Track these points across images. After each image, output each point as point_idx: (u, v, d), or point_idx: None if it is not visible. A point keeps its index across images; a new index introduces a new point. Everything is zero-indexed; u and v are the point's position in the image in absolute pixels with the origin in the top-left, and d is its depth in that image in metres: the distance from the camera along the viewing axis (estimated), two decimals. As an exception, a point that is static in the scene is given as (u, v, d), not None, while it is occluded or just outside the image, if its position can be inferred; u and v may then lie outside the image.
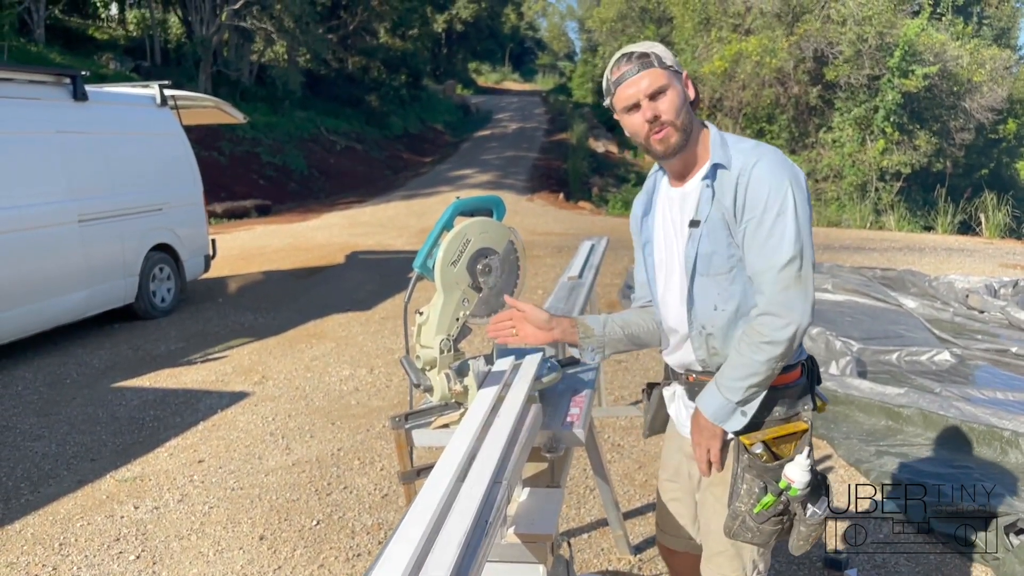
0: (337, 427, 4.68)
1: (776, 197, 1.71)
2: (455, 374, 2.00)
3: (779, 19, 20.66)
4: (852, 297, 7.25)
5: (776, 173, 1.73)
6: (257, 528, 3.49)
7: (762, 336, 1.72)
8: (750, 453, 1.82)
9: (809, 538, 1.85)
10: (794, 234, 1.71)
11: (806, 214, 1.74)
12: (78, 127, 6.74)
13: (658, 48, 1.83)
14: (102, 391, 5.44)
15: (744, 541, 1.86)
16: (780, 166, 1.75)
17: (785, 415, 1.85)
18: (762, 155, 1.76)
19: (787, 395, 1.85)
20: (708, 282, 1.84)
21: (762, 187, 1.73)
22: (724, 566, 1.93)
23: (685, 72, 1.84)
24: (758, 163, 1.74)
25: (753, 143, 1.82)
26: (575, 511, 3.58)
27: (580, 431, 1.90)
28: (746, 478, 1.83)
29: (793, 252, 1.70)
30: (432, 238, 2.06)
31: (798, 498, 1.79)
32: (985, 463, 3.91)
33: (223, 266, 10.06)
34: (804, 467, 1.77)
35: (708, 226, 1.80)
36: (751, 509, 1.82)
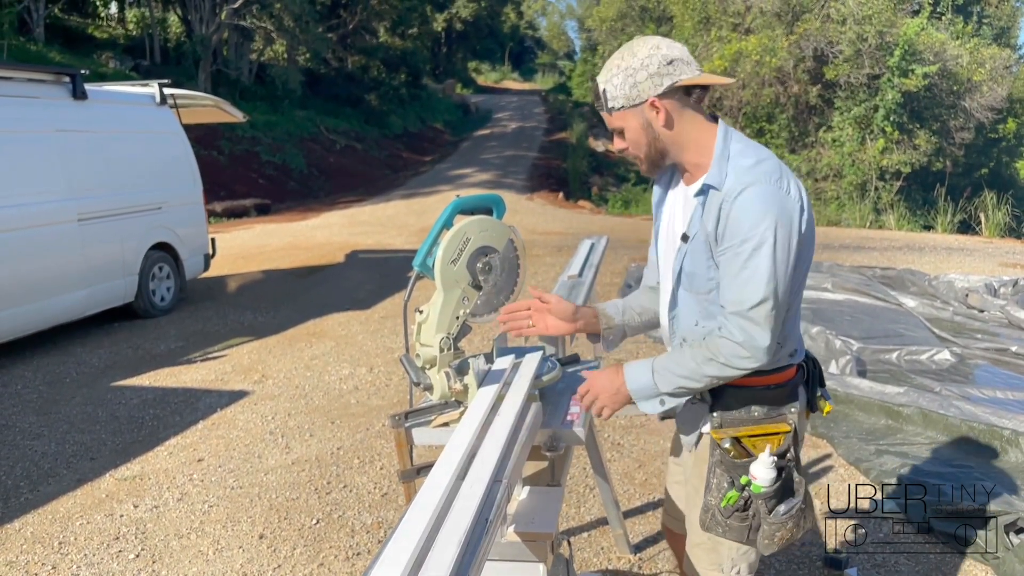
0: (337, 426, 4.68)
1: (755, 232, 1.63)
2: (455, 372, 1.99)
3: (779, 18, 20.65)
4: (852, 296, 7.25)
5: (761, 206, 1.63)
6: (257, 527, 3.48)
7: (720, 357, 1.70)
8: (720, 448, 1.82)
9: (774, 537, 1.81)
10: (768, 274, 1.63)
11: (785, 253, 1.64)
12: (77, 126, 6.73)
13: (613, 81, 1.74)
14: (101, 390, 5.44)
15: (716, 535, 1.86)
16: (767, 199, 1.64)
17: (765, 415, 1.82)
18: (754, 181, 1.65)
19: (769, 396, 1.82)
20: (690, 298, 1.83)
21: (744, 218, 1.64)
22: (701, 559, 1.93)
23: (650, 99, 1.71)
24: (744, 191, 1.65)
25: (754, 160, 1.70)
26: (575, 510, 3.58)
27: (580, 430, 1.89)
28: (716, 472, 1.84)
29: (765, 294, 1.64)
30: (432, 236, 2.06)
31: (762, 495, 1.77)
32: (985, 462, 3.91)
33: (223, 265, 10.06)
34: (767, 464, 1.75)
35: (693, 244, 1.78)
36: (719, 503, 1.83)
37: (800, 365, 1.88)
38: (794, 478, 1.81)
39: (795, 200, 1.67)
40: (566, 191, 20.90)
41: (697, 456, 1.95)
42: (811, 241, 1.75)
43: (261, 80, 26.40)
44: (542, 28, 66.91)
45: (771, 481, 1.76)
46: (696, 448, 1.95)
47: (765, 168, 1.68)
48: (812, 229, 1.74)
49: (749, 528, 1.83)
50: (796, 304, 1.82)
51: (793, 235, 1.65)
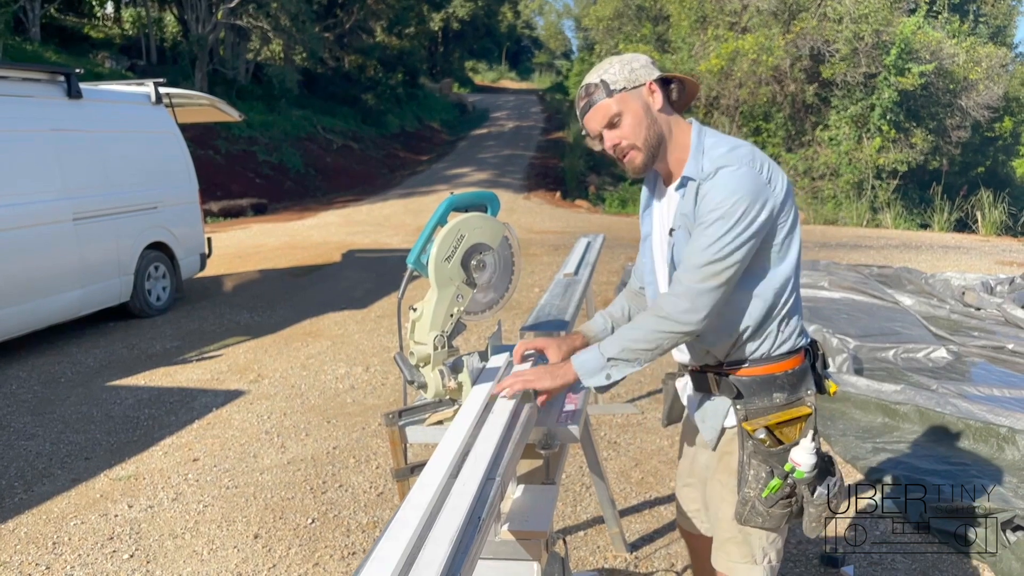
0: (333, 425, 4.66)
1: (723, 205, 1.70)
2: (449, 370, 1.98)
3: (775, 17, 20.65)
4: (849, 294, 7.25)
5: (732, 183, 1.71)
6: (252, 527, 3.47)
7: (662, 311, 1.76)
8: (754, 439, 1.85)
9: (820, 519, 1.85)
10: (723, 240, 1.69)
11: (748, 226, 1.70)
12: (73, 125, 6.71)
13: (610, 71, 1.82)
14: (96, 390, 5.42)
15: (755, 526, 1.88)
16: (739, 178, 1.71)
17: (786, 400, 1.86)
18: (727, 164, 1.73)
19: (787, 381, 1.86)
20: None
21: (714, 194, 1.72)
22: (733, 553, 1.94)
23: (648, 82, 1.81)
24: (718, 172, 1.73)
25: (729, 147, 1.78)
26: (571, 508, 3.57)
27: (575, 428, 1.88)
28: (752, 464, 1.86)
29: (714, 255, 1.70)
30: (426, 234, 2.04)
31: (804, 480, 1.81)
32: (982, 460, 3.91)
33: (219, 264, 10.04)
34: (809, 450, 1.79)
35: (678, 234, 1.84)
36: (759, 494, 1.84)
37: (806, 349, 1.93)
38: (823, 457, 1.84)
39: (764, 179, 1.74)
40: (563, 190, 20.89)
41: (721, 452, 1.96)
42: (795, 218, 1.82)
43: (258, 80, 26.35)
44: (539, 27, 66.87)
45: (812, 466, 1.79)
46: (718, 445, 1.96)
47: (738, 153, 1.76)
48: (792, 208, 1.81)
49: (788, 515, 1.86)
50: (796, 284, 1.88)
51: (762, 212, 1.71)
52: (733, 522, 1.91)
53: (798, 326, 1.90)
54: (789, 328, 1.87)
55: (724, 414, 1.91)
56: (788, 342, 1.87)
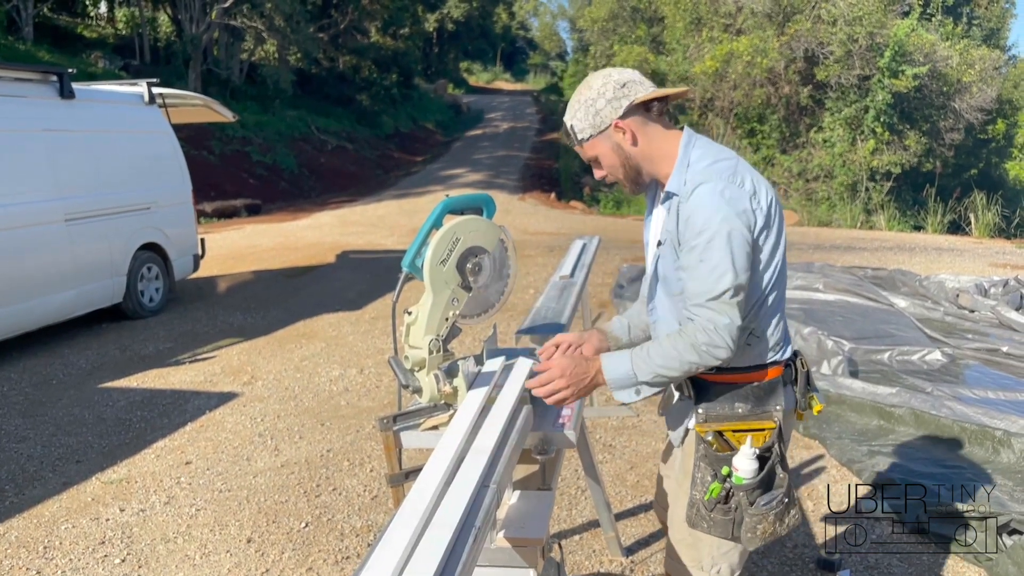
0: (327, 428, 4.64)
1: (708, 226, 1.69)
2: (444, 375, 1.96)
3: (770, 19, 20.68)
4: (843, 296, 7.25)
5: (711, 201, 1.70)
6: (244, 531, 3.44)
7: (698, 344, 1.72)
8: (704, 441, 1.86)
9: (756, 530, 1.81)
10: (726, 264, 1.69)
11: (741, 243, 1.69)
12: (65, 125, 6.67)
13: (577, 115, 1.84)
14: (88, 392, 5.38)
15: (702, 531, 1.88)
16: (717, 194, 1.70)
17: (750, 412, 1.85)
18: (705, 180, 1.72)
19: (752, 393, 1.85)
20: (667, 300, 1.90)
21: (696, 215, 1.71)
22: (683, 554, 1.96)
23: (613, 122, 1.80)
24: (696, 190, 1.72)
25: (711, 160, 1.77)
26: (566, 512, 3.56)
27: (571, 433, 1.87)
28: (700, 466, 1.87)
29: (726, 284, 1.69)
30: (421, 237, 2.03)
31: (744, 487, 1.80)
32: (977, 463, 3.90)
33: (212, 265, 10.00)
34: (748, 456, 1.79)
35: (664, 248, 1.85)
36: (703, 497, 1.85)
37: (787, 364, 1.91)
38: (777, 473, 1.83)
39: (748, 192, 1.72)
40: (558, 191, 20.89)
41: (684, 452, 1.97)
42: (778, 233, 1.79)
43: (252, 80, 26.28)
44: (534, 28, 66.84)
45: (753, 473, 1.79)
46: (683, 444, 1.97)
47: (718, 167, 1.75)
48: (777, 221, 1.78)
49: (732, 523, 1.84)
50: (775, 299, 1.85)
51: (746, 226, 1.70)
52: (684, 524, 1.92)
53: (776, 339, 1.87)
54: (762, 341, 1.85)
55: (689, 415, 1.92)
56: (761, 355, 1.86)
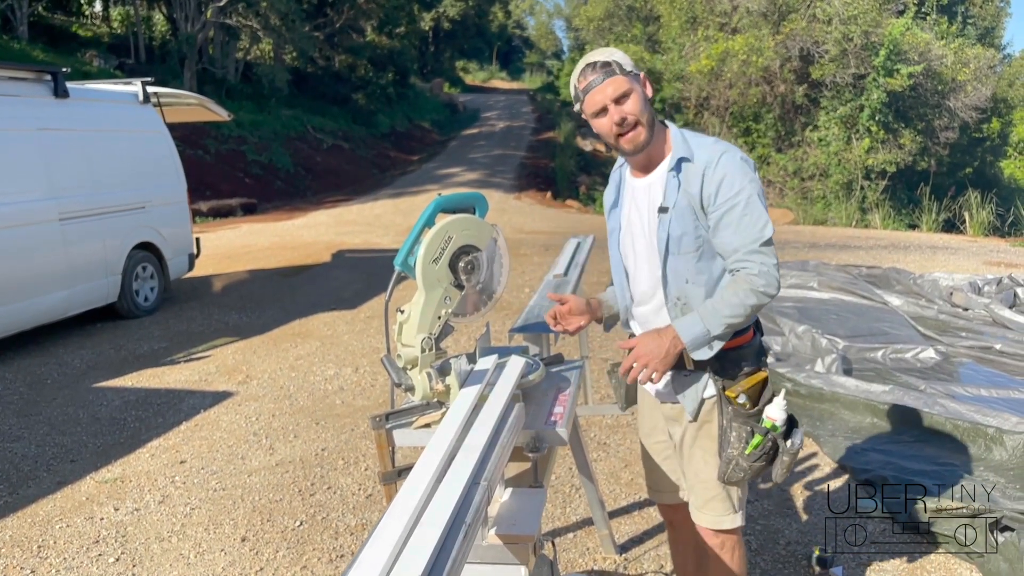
0: (321, 427, 4.64)
1: (744, 185, 1.96)
2: (437, 373, 1.97)
3: (765, 18, 20.71)
4: (838, 295, 7.26)
5: (739, 165, 1.98)
6: (239, 529, 3.45)
7: (756, 286, 1.95)
8: (734, 404, 2.08)
9: (789, 466, 2.10)
10: (765, 216, 1.98)
11: (764, 198, 2.01)
12: (59, 124, 6.66)
13: (617, 55, 2.03)
14: (83, 391, 5.38)
15: (736, 483, 2.14)
16: (740, 160, 1.99)
17: (751, 368, 2.11)
18: (725, 149, 2.00)
19: (750, 352, 2.11)
20: (679, 260, 2.06)
21: (733, 176, 1.97)
22: (718, 508, 2.18)
23: (643, 73, 2.05)
24: (722, 157, 1.98)
25: (712, 139, 2.05)
26: (560, 510, 3.56)
27: (563, 430, 1.88)
28: (733, 427, 2.09)
29: (769, 231, 1.98)
30: (413, 235, 2.03)
31: (780, 434, 2.06)
32: (970, 460, 3.92)
33: (208, 265, 9.99)
34: (782, 406, 2.07)
35: (676, 211, 2.02)
36: (743, 452, 2.07)
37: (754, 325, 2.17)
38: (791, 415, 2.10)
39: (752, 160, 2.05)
40: (554, 190, 20.89)
41: (702, 421, 2.16)
42: None
43: (247, 79, 26.24)
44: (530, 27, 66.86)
45: (785, 419, 2.07)
46: (699, 415, 2.15)
47: (723, 142, 2.05)
48: None
49: (763, 467, 2.11)
50: None
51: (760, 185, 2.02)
52: (715, 481, 2.15)
53: None
54: None
55: (703, 386, 2.12)
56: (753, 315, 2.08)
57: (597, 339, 6.40)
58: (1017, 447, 3.91)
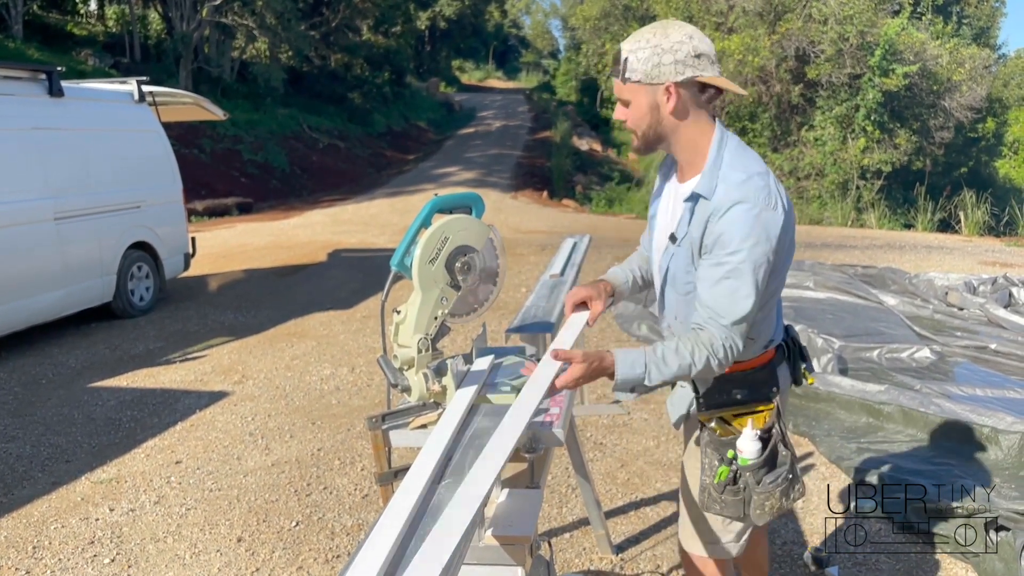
0: (317, 427, 4.63)
1: (741, 248, 1.70)
2: (433, 374, 1.97)
3: (761, 18, 20.73)
4: (833, 295, 7.27)
5: (747, 225, 1.70)
6: (235, 530, 3.44)
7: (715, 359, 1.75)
8: (707, 428, 1.97)
9: (764, 507, 1.90)
10: (749, 290, 1.72)
11: (765, 269, 1.73)
12: (54, 123, 6.64)
13: (639, 54, 1.75)
14: (78, 391, 5.36)
15: (715, 513, 1.98)
16: (754, 219, 1.70)
17: (748, 397, 1.94)
18: (743, 199, 1.71)
19: (749, 380, 1.94)
20: (673, 295, 1.97)
21: (732, 234, 1.71)
22: (692, 530, 2.09)
23: (667, 83, 1.74)
24: (733, 208, 1.71)
25: (744, 175, 1.74)
26: (557, 510, 3.56)
27: (559, 431, 1.87)
28: (707, 452, 1.97)
29: (745, 311, 1.74)
30: (410, 235, 2.03)
31: (749, 467, 1.89)
32: (965, 460, 3.93)
33: (204, 264, 9.97)
34: (751, 438, 1.88)
35: (680, 248, 1.87)
36: (713, 481, 1.95)
37: (780, 346, 2.00)
38: (779, 451, 1.92)
39: (779, 216, 1.73)
40: (550, 190, 20.88)
41: (685, 434, 2.14)
42: (791, 247, 1.83)
43: (243, 78, 26.19)
44: (526, 27, 66.80)
45: (756, 453, 1.88)
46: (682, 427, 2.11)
47: (755, 185, 1.73)
48: (793, 236, 1.82)
49: (743, 503, 1.93)
50: (771, 303, 1.91)
51: (772, 252, 1.73)
52: (696, 507, 2.04)
53: (770, 332, 1.95)
54: (759, 340, 1.92)
55: (688, 403, 2.01)
56: (760, 343, 1.93)
57: (594, 339, 6.40)
58: (1012, 447, 3.92)
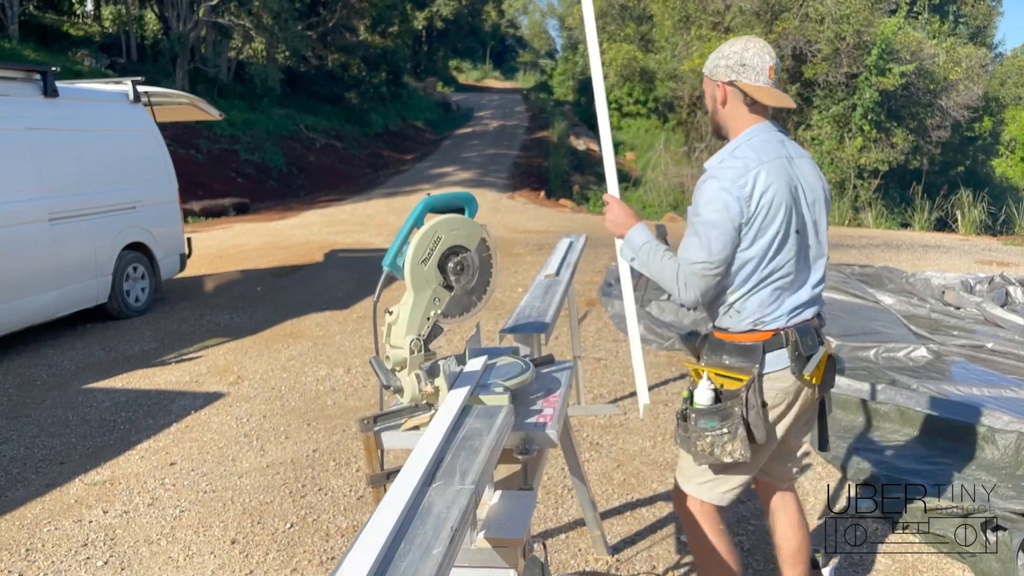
0: (313, 428, 4.62)
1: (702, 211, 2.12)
2: (426, 375, 1.95)
3: (758, 17, 20.74)
4: (830, 293, 7.26)
5: (710, 194, 2.12)
6: (229, 532, 3.42)
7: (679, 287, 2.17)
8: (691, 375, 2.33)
9: (697, 446, 2.22)
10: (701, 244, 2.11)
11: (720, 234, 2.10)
12: (49, 124, 6.61)
13: (711, 56, 2.28)
14: (73, 393, 5.34)
15: (679, 445, 2.34)
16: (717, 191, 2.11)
17: (735, 365, 2.22)
18: (714, 175, 2.14)
19: (735, 350, 2.23)
20: None
21: (698, 198, 2.15)
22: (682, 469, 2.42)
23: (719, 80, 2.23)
24: (706, 180, 2.15)
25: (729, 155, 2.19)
26: (552, 511, 3.55)
27: (552, 432, 1.86)
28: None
29: (697, 259, 2.12)
30: (402, 236, 2.02)
31: (696, 411, 2.22)
32: (962, 460, 3.92)
33: (200, 265, 9.95)
34: (705, 387, 2.22)
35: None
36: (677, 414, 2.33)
37: (778, 333, 2.21)
38: (733, 412, 2.17)
39: (744, 196, 2.10)
40: (547, 189, 20.88)
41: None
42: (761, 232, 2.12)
43: (240, 78, 26.16)
44: (523, 27, 66.80)
45: (707, 400, 2.21)
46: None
47: (730, 165, 2.14)
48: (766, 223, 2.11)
49: (689, 440, 2.25)
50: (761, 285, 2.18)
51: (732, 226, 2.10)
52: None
53: (763, 314, 2.20)
54: (750, 307, 2.19)
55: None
56: (747, 319, 2.21)
57: (590, 339, 6.39)
58: (1009, 446, 3.91)
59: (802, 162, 2.25)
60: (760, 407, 2.17)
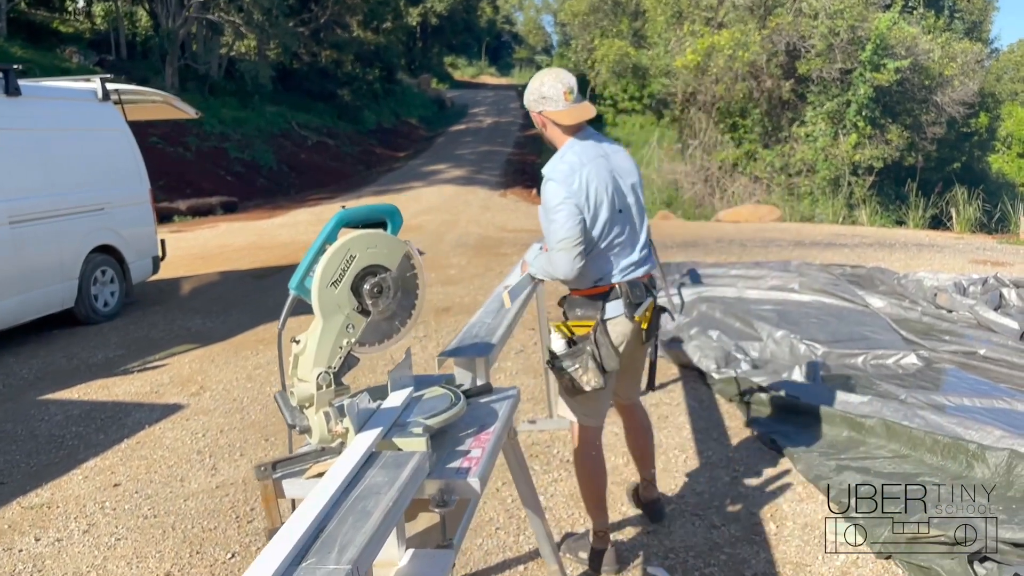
0: (270, 444, 4.39)
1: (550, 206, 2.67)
2: (336, 412, 1.73)
3: (751, 13, 20.49)
4: (819, 297, 7.04)
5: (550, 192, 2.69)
6: (164, 563, 3.19)
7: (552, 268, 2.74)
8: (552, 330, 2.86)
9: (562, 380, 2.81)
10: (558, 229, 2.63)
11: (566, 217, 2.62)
12: (9, 124, 6.41)
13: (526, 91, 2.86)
14: (26, 405, 5.11)
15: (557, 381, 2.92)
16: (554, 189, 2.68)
17: (582, 315, 2.79)
18: (550, 177, 2.71)
19: (579, 303, 2.81)
20: None
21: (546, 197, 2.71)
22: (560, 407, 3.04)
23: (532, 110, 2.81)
24: (547, 182, 2.72)
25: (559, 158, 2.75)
26: (513, 539, 3.33)
27: (475, 481, 1.64)
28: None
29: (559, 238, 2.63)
30: (311, 254, 1.81)
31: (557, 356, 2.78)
32: (950, 479, 3.70)
33: (179, 266, 9.73)
34: (556, 338, 2.80)
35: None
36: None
37: (614, 287, 2.77)
38: (585, 351, 2.72)
39: (575, 189, 2.64)
40: (539, 188, 20.66)
41: None
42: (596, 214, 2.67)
43: (231, 75, 25.89)
44: (519, 23, 66.41)
45: (561, 348, 2.78)
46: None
47: (561, 169, 2.69)
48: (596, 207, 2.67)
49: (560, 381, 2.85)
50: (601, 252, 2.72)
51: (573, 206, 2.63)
52: None
53: (601, 274, 2.75)
54: (592, 270, 2.72)
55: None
56: (591, 279, 2.75)
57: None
58: (1000, 464, 3.69)
59: (616, 156, 2.81)
60: (609, 345, 2.72)
